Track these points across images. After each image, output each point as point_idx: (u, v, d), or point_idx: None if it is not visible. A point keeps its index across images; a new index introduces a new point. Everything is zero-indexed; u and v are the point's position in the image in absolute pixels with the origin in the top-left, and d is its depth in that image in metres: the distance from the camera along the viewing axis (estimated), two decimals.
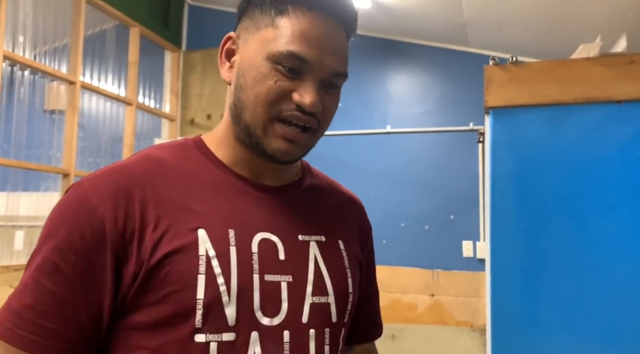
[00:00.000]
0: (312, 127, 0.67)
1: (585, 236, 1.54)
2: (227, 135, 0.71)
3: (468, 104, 3.49)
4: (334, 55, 0.66)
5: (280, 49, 0.64)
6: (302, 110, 0.65)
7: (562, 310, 1.53)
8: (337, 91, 0.70)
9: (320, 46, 0.64)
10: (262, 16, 0.66)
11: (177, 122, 4.12)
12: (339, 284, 0.71)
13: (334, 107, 0.70)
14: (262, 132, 0.66)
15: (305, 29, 0.64)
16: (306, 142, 0.68)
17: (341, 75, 0.68)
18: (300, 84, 0.64)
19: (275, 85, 0.64)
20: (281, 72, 0.64)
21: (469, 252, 3.51)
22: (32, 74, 3.04)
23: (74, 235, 0.61)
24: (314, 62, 0.64)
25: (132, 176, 0.65)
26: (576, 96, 1.65)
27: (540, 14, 2.98)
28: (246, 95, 0.66)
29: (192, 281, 0.61)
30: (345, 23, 0.69)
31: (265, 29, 0.65)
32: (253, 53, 0.66)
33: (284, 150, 0.66)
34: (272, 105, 0.65)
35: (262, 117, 0.65)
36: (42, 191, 3.13)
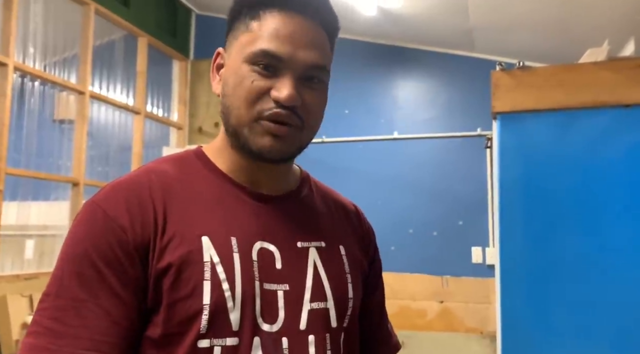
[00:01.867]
0: (296, 124, 0.67)
1: (596, 240, 1.53)
2: (225, 144, 0.73)
3: (475, 109, 3.48)
4: (308, 48, 0.66)
5: (254, 50, 0.65)
6: (280, 105, 0.65)
7: (573, 316, 1.52)
8: (320, 85, 0.69)
9: (292, 41, 0.66)
10: (239, 25, 0.69)
11: (185, 131, 4.15)
12: (338, 289, 0.72)
13: (319, 102, 0.70)
14: (248, 132, 0.67)
15: (276, 27, 0.66)
16: (292, 138, 0.68)
17: (320, 68, 0.68)
18: (277, 81, 0.66)
19: (253, 86, 0.66)
20: (258, 72, 0.66)
21: (478, 259, 3.49)
22: (42, 85, 3.07)
23: (102, 249, 0.62)
24: (287, 58, 0.65)
25: (141, 188, 0.67)
26: (584, 100, 1.64)
27: (546, 19, 2.98)
28: (230, 100, 0.68)
29: (199, 287, 0.62)
30: (322, 21, 0.69)
31: (241, 35, 0.68)
32: (233, 60, 0.68)
33: (269, 146, 0.66)
34: (252, 105, 0.66)
35: (245, 118, 0.67)
36: (52, 200, 3.16)
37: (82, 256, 0.62)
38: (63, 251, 0.64)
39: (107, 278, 0.61)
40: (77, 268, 0.62)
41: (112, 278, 0.61)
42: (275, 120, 0.66)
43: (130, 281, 0.62)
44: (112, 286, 0.61)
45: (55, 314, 0.61)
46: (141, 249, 0.63)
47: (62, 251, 0.64)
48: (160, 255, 0.63)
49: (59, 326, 0.60)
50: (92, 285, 0.61)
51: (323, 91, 0.70)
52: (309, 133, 0.70)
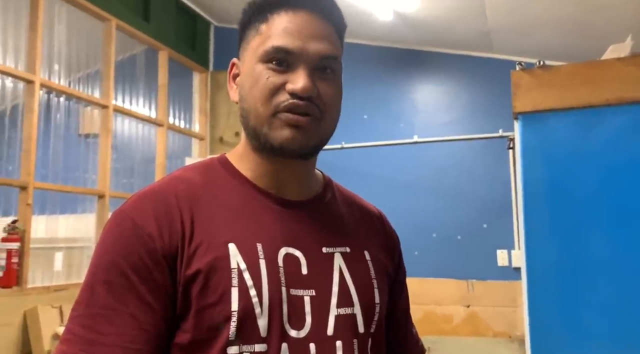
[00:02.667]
0: (314, 113, 0.68)
1: (625, 239, 1.49)
2: (247, 149, 0.74)
3: (496, 110, 3.45)
4: (317, 40, 0.68)
5: (265, 48, 0.68)
6: (297, 96, 0.67)
7: (604, 317, 1.48)
8: (333, 75, 0.71)
9: (302, 35, 0.68)
10: (250, 31, 0.72)
11: (207, 141, 4.20)
12: (364, 294, 0.71)
13: (334, 93, 0.71)
14: (267, 128, 0.68)
15: (285, 25, 0.68)
16: (312, 128, 0.68)
17: (331, 58, 0.70)
18: (292, 75, 0.67)
19: (267, 82, 0.67)
20: (272, 69, 0.67)
21: (504, 261, 3.43)
22: (67, 100, 3.15)
23: (131, 258, 0.63)
24: (299, 51, 0.67)
25: (167, 197, 0.68)
26: (608, 97, 1.62)
27: (565, 17, 2.94)
28: (247, 102, 0.70)
29: (227, 293, 0.63)
30: (328, 15, 0.71)
31: (252, 40, 0.71)
32: (247, 64, 0.71)
33: (290, 137, 0.67)
34: (269, 100, 0.67)
35: (263, 115, 0.68)
36: (80, 212, 3.22)
37: (111, 264, 0.63)
38: (93, 260, 0.66)
39: (136, 285, 0.62)
40: (107, 276, 0.63)
41: (140, 286, 0.62)
42: (293, 111, 0.67)
43: (159, 289, 0.63)
44: (140, 293, 0.62)
45: (86, 322, 0.62)
46: (169, 257, 0.64)
47: (92, 260, 0.66)
48: (189, 262, 0.63)
49: (90, 333, 0.61)
50: (122, 293, 0.62)
51: (337, 81, 0.72)
52: (329, 124, 0.71)
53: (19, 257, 2.57)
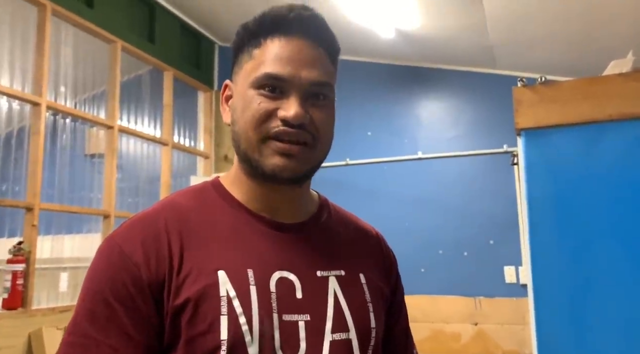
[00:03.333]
0: (307, 141, 0.68)
1: (632, 257, 1.47)
2: (239, 173, 0.74)
3: (500, 126, 3.44)
4: (309, 67, 0.68)
5: (257, 75, 0.68)
6: (289, 124, 0.66)
7: (612, 335, 1.45)
8: (326, 102, 0.70)
9: (294, 62, 0.68)
10: (243, 55, 0.72)
11: (212, 159, 4.22)
12: (360, 319, 0.70)
13: (326, 119, 0.70)
14: (258, 154, 0.68)
15: (278, 51, 0.68)
16: (304, 156, 0.68)
17: (324, 85, 0.69)
18: (284, 102, 0.67)
19: (258, 107, 0.67)
20: (264, 95, 0.67)
21: (511, 278, 3.40)
22: (73, 121, 3.19)
23: (116, 286, 0.63)
24: (291, 78, 0.67)
25: (157, 224, 0.68)
26: (611, 113, 1.61)
27: (566, 33, 2.95)
28: (238, 126, 0.70)
29: (216, 322, 0.62)
30: (321, 41, 0.71)
31: (245, 64, 0.71)
32: (240, 88, 0.71)
33: (282, 165, 0.67)
34: (259, 126, 0.67)
35: (254, 139, 0.68)
36: (85, 232, 3.23)
37: (97, 292, 0.63)
38: (83, 286, 0.66)
39: (118, 315, 0.62)
40: (91, 305, 0.63)
41: (123, 316, 0.62)
42: (284, 139, 0.67)
43: (142, 319, 0.63)
44: (123, 324, 0.62)
45: (67, 351, 0.62)
46: (155, 287, 0.63)
47: (82, 286, 0.66)
48: (177, 292, 0.63)
49: None
50: (104, 323, 0.62)
51: (330, 107, 0.71)
52: (322, 150, 0.71)
53: (24, 278, 2.57)
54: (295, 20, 0.69)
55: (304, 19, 0.70)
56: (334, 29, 0.74)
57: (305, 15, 0.70)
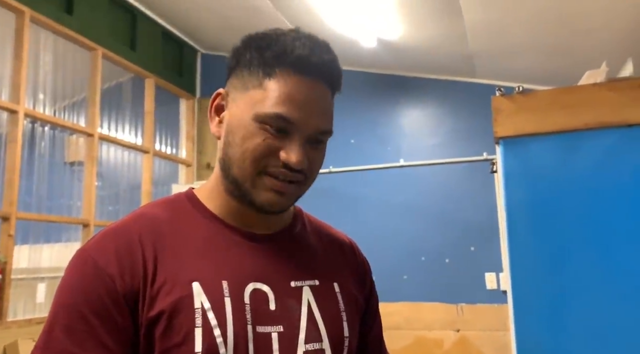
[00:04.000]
0: (300, 181, 0.70)
1: (609, 264, 1.50)
2: (219, 187, 0.73)
3: (480, 133, 3.49)
4: (318, 115, 0.68)
5: (267, 111, 0.66)
6: (289, 167, 0.67)
7: (590, 341, 1.48)
8: (322, 145, 0.72)
9: (305, 107, 0.67)
10: (251, 77, 0.69)
11: (194, 167, 4.19)
12: (333, 328, 0.71)
13: (320, 160, 0.72)
14: (250, 185, 0.68)
15: (291, 92, 0.66)
16: (294, 193, 0.70)
17: (326, 133, 0.70)
18: (287, 143, 0.67)
19: (263, 143, 0.66)
20: (268, 131, 0.66)
21: (492, 284, 3.43)
22: (52, 129, 3.14)
23: (92, 299, 0.62)
24: (299, 123, 0.67)
25: (130, 235, 0.67)
26: (587, 121, 1.64)
27: (543, 43, 3.01)
28: (234, 151, 0.68)
29: (190, 334, 0.62)
30: (330, 84, 0.71)
31: (253, 90, 0.68)
32: (242, 112, 0.68)
33: (272, 202, 0.68)
34: (259, 161, 0.67)
35: (249, 172, 0.67)
36: (64, 241, 3.18)
37: (72, 306, 0.63)
38: (55, 300, 0.65)
39: (95, 329, 0.61)
40: (67, 320, 0.62)
41: (100, 329, 0.61)
42: (279, 177, 0.67)
43: (120, 331, 0.62)
44: (100, 337, 0.61)
45: None
46: (130, 298, 0.63)
47: (54, 300, 0.65)
48: (151, 303, 0.63)
49: None
50: (81, 337, 0.61)
51: (324, 150, 0.73)
52: (309, 185, 0.73)
53: (0, 289, 2.52)
54: (316, 64, 0.68)
55: (325, 64, 0.69)
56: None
57: (326, 59, 0.69)
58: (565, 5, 2.53)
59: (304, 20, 3.25)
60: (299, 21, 3.28)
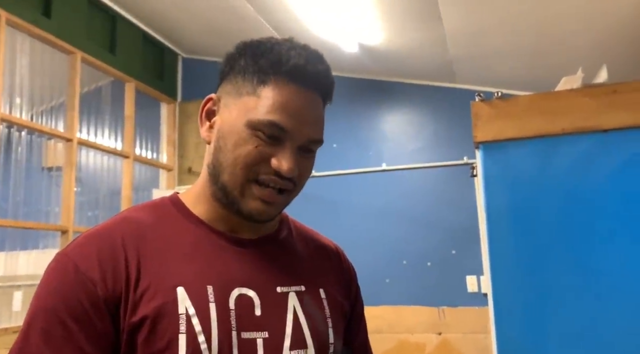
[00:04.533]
0: (289, 189, 0.70)
1: (586, 266, 1.53)
2: (205, 193, 0.72)
3: (461, 138, 3.53)
4: (311, 124, 0.69)
5: (260, 118, 0.66)
6: (280, 175, 0.67)
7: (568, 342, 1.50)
8: (312, 154, 0.72)
9: (299, 117, 0.67)
10: (245, 83, 0.69)
11: (175, 172, 4.15)
12: (319, 334, 0.70)
13: (310, 169, 0.73)
14: (239, 193, 0.68)
15: (285, 100, 0.66)
16: (282, 202, 0.71)
17: (317, 142, 0.71)
18: (279, 150, 0.67)
19: (255, 150, 0.66)
20: (261, 138, 0.66)
21: (473, 287, 3.46)
22: (30, 134, 3.08)
23: (71, 303, 0.61)
24: (292, 131, 0.67)
25: (113, 239, 0.66)
26: (564, 126, 1.68)
27: (523, 49, 3.06)
28: (225, 157, 0.68)
29: (174, 340, 0.61)
30: (323, 94, 0.72)
31: (247, 96, 0.68)
32: (234, 118, 0.68)
33: (261, 210, 0.68)
34: (250, 168, 0.67)
35: (240, 179, 0.67)
36: (42, 248, 3.12)
37: (51, 311, 0.62)
38: (32, 305, 0.63)
39: (74, 334, 0.60)
40: (45, 324, 0.61)
41: (79, 334, 0.60)
42: (269, 185, 0.67)
43: (99, 337, 0.61)
44: (79, 343, 0.60)
45: None
46: (111, 304, 0.62)
47: (31, 304, 0.64)
48: (134, 309, 0.62)
49: None
50: (59, 342, 0.60)
51: (313, 158, 0.73)
52: (296, 194, 0.73)
53: None
54: (311, 74, 0.68)
55: (320, 74, 0.70)
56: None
57: (321, 70, 0.70)
58: (541, 13, 2.59)
59: (286, 25, 3.25)
60: (281, 25, 3.29)
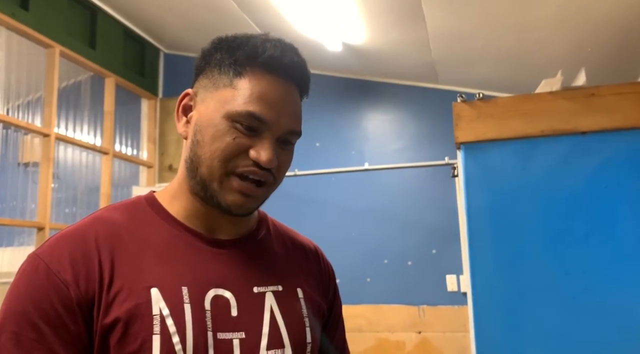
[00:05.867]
0: (268, 181, 0.69)
1: (563, 266, 1.55)
2: (183, 189, 0.72)
3: (442, 138, 3.56)
4: (289, 115, 0.69)
5: (238, 109, 0.66)
6: (259, 166, 0.67)
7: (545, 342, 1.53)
8: (291, 147, 0.72)
9: (277, 107, 0.67)
10: (221, 76, 0.69)
11: (155, 169, 4.11)
12: (296, 334, 0.70)
13: (288, 162, 0.73)
14: (218, 186, 0.67)
15: (263, 91, 0.66)
16: (261, 195, 0.70)
17: (296, 134, 0.71)
18: (258, 141, 0.67)
19: (233, 142, 0.66)
20: (239, 130, 0.66)
21: (453, 287, 3.50)
22: (5, 128, 3.01)
23: (43, 306, 0.60)
24: (271, 122, 0.67)
25: (86, 240, 0.65)
26: (543, 128, 1.70)
27: (504, 51, 3.10)
28: (203, 150, 0.67)
29: (148, 341, 0.60)
30: (300, 86, 0.72)
31: (223, 89, 0.68)
32: (211, 111, 0.68)
33: (239, 203, 0.68)
34: (228, 160, 0.66)
35: (218, 172, 0.67)
36: (17, 245, 3.05)
37: (22, 314, 0.60)
38: (3, 307, 0.62)
39: (46, 337, 0.59)
40: (16, 327, 0.60)
41: (52, 337, 0.59)
42: (248, 177, 0.67)
43: (72, 339, 0.60)
44: (51, 346, 0.59)
45: None
46: (84, 305, 0.61)
47: (2, 307, 0.62)
48: (107, 310, 0.61)
49: None
50: (30, 345, 0.59)
51: (292, 151, 0.73)
52: (275, 188, 0.73)
53: None
54: (288, 64, 0.68)
55: (296, 65, 0.70)
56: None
57: (297, 61, 0.70)
58: (521, 16, 2.62)
59: (270, 23, 3.24)
60: (265, 23, 3.27)
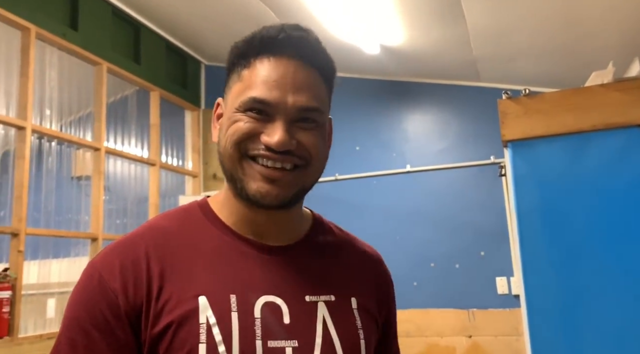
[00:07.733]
0: (297, 164, 0.67)
1: (622, 265, 1.48)
2: (228, 194, 0.72)
3: (487, 137, 3.48)
4: (298, 91, 0.66)
5: (244, 98, 0.66)
6: (272, 150, 0.65)
7: (605, 345, 1.46)
8: (315, 125, 0.68)
9: (281, 86, 0.65)
10: (233, 76, 0.71)
11: (200, 178, 4.20)
12: (350, 347, 0.68)
13: (317, 143, 0.68)
14: (241, 174, 0.66)
15: (266, 74, 0.66)
16: (290, 180, 0.66)
17: (312, 110, 0.67)
18: (269, 125, 0.65)
19: (243, 126, 0.66)
20: (250, 116, 0.66)
21: (503, 289, 3.40)
22: (59, 144, 3.16)
23: (94, 313, 0.62)
24: (277, 103, 0.65)
25: (137, 249, 0.66)
26: (595, 122, 1.63)
27: (548, 45, 3.00)
28: (221, 144, 0.69)
29: (194, 350, 0.60)
30: (314, 63, 0.68)
31: (234, 85, 0.69)
32: (229, 108, 0.69)
33: (264, 191, 0.65)
34: (240, 143, 0.66)
35: (235, 157, 0.66)
36: (73, 256, 3.18)
37: (76, 320, 0.63)
38: (64, 314, 0.65)
39: (97, 343, 0.61)
40: (70, 333, 0.62)
41: (101, 343, 0.61)
42: (266, 164, 0.65)
43: (121, 346, 0.62)
44: (101, 352, 0.61)
45: None
46: (132, 314, 0.62)
47: (64, 313, 0.65)
48: (155, 320, 0.62)
49: None
50: (83, 351, 0.61)
51: (320, 130, 0.69)
52: (315, 172, 0.69)
53: (10, 306, 2.52)
54: (285, 40, 0.67)
55: (293, 39, 0.67)
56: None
57: (296, 36, 0.68)
58: (565, 5, 2.53)
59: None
60: None
